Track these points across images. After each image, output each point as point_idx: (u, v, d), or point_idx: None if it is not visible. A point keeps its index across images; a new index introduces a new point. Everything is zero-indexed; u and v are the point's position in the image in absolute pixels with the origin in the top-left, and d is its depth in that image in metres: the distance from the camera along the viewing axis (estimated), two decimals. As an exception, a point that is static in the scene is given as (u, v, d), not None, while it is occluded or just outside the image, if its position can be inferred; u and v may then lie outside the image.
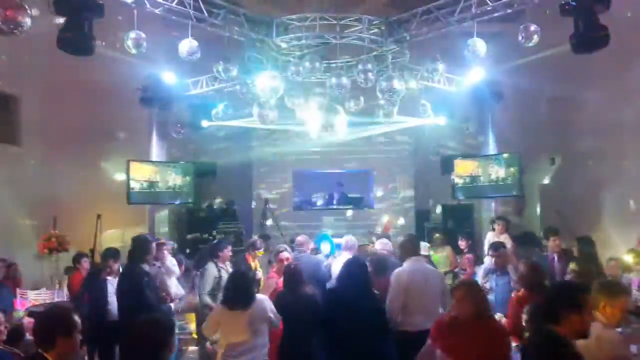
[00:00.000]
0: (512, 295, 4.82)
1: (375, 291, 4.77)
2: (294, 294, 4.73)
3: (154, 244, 5.78)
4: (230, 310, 4.27)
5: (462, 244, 8.36)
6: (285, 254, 5.84)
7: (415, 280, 4.67)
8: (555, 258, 6.24)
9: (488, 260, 6.17)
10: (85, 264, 7.23)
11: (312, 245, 6.89)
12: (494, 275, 5.78)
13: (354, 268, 4.65)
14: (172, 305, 6.03)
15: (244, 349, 4.19)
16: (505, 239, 7.49)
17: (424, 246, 6.67)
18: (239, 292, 4.35)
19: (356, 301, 4.37)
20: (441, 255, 8.37)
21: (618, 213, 8.37)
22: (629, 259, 6.35)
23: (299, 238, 6.77)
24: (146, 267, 5.47)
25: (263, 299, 4.49)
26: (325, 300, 4.72)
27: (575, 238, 6.09)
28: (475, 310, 3.57)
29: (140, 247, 5.41)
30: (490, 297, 5.34)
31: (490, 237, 7.89)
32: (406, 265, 4.88)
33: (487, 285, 5.76)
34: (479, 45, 6.97)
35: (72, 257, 7.54)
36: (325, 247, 7.35)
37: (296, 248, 6.53)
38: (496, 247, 5.94)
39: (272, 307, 4.46)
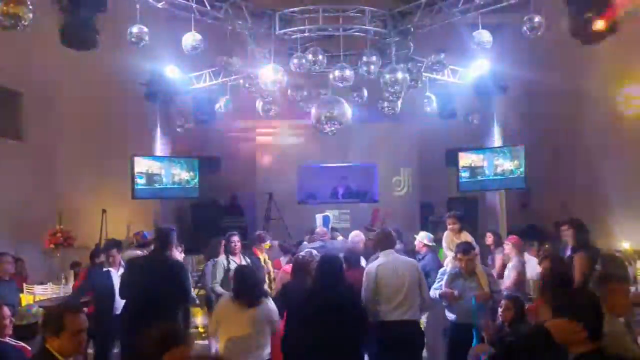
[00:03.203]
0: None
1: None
2: (301, 284, 4.79)
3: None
4: (237, 305, 4.29)
5: None
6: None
7: (384, 272, 4.74)
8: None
9: (453, 264, 5.48)
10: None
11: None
12: (461, 279, 5.13)
13: (326, 264, 4.61)
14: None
15: (245, 345, 4.20)
16: (465, 236, 6.68)
17: (427, 237, 6.57)
18: (244, 286, 4.40)
19: (331, 296, 4.36)
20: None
21: (622, 205, 8.32)
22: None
23: (318, 230, 7.52)
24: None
25: (270, 301, 4.54)
26: (303, 298, 4.65)
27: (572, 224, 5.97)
28: None
29: (166, 237, 5.33)
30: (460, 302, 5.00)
31: (447, 236, 6.91)
32: (378, 258, 4.95)
33: (456, 293, 5.08)
34: (485, 36, 6.91)
35: (91, 252, 7.35)
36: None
37: (317, 238, 7.09)
38: (466, 250, 5.18)
39: (276, 311, 4.49)
